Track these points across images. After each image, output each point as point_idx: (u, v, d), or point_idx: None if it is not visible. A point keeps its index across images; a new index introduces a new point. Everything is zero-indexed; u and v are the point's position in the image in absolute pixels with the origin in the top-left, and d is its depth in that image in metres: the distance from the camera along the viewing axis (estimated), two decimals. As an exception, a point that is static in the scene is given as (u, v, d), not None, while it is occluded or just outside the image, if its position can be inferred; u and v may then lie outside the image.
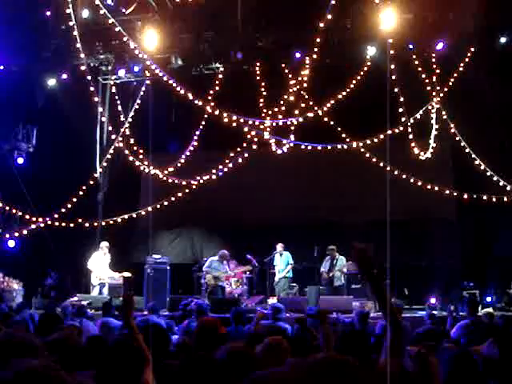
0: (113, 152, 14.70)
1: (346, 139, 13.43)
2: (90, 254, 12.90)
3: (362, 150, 13.40)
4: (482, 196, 12.92)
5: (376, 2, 11.87)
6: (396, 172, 13.24)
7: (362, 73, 13.18)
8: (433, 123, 13.36)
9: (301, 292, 12.96)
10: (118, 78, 14.90)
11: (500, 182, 12.89)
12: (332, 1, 11.65)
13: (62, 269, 13.12)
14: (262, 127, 13.67)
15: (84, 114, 14.14)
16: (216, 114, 13.46)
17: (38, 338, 3.31)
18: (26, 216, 13.70)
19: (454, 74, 13.03)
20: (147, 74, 14.14)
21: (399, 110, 13.09)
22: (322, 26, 12.11)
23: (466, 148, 13.12)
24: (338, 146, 13.47)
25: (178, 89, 13.31)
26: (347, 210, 14.28)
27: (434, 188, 13.31)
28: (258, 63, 14.01)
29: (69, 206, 13.66)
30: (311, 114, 13.32)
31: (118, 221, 14.51)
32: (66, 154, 14.06)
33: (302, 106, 13.47)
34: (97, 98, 14.12)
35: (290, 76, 13.58)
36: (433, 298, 11.28)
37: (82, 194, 13.82)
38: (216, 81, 14.22)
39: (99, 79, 14.94)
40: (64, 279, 12.85)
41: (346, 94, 13.24)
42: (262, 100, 13.88)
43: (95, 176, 14.38)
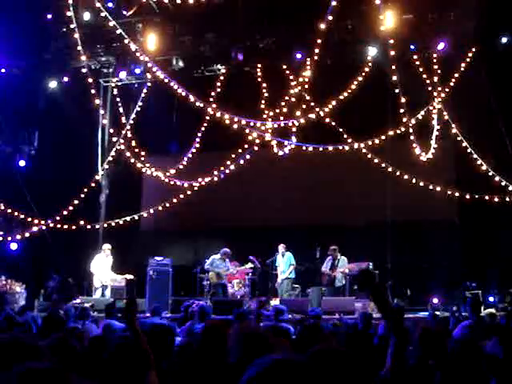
0: (114, 154, 14.72)
1: (348, 140, 13.42)
2: (92, 257, 12.90)
3: (364, 150, 13.39)
4: (484, 196, 12.90)
5: (377, 3, 11.86)
6: (398, 173, 13.24)
7: (363, 73, 13.17)
8: (434, 124, 13.34)
9: (303, 293, 12.93)
10: (120, 81, 14.92)
11: (502, 182, 12.87)
12: (333, 1, 11.65)
13: (65, 271, 13.12)
14: (263, 128, 13.67)
15: (85, 117, 14.16)
16: (217, 115, 13.47)
17: (41, 341, 3.31)
18: (28, 218, 13.71)
19: (455, 75, 13.02)
20: (148, 76, 14.16)
21: (400, 110, 13.08)
22: (322, 26, 12.11)
23: (467, 148, 13.10)
24: (339, 147, 13.46)
25: (179, 90, 13.33)
26: (349, 211, 14.26)
27: (436, 188, 13.29)
28: (258, 64, 14.02)
29: (70, 208, 13.68)
30: (312, 115, 13.31)
31: (120, 223, 14.52)
32: (67, 157, 14.06)
33: (303, 106, 13.47)
34: (98, 101, 14.14)
35: (291, 77, 13.59)
36: (435, 298, 11.26)
37: (83, 196, 13.83)
38: (217, 82, 14.24)
39: (100, 81, 14.96)
40: (66, 281, 12.84)
41: (348, 95, 13.23)
42: (264, 101, 13.89)
43: (97, 178, 14.40)
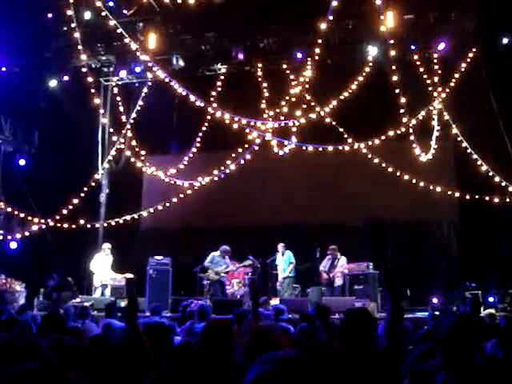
0: (115, 153, 14.72)
1: (348, 140, 13.42)
2: (92, 256, 12.90)
3: (364, 150, 13.39)
4: (484, 196, 12.89)
5: (377, 3, 11.86)
6: (398, 173, 13.24)
7: (363, 73, 13.17)
8: (434, 124, 13.34)
9: (303, 293, 12.93)
10: (120, 80, 14.92)
11: (502, 183, 12.87)
12: (333, 1, 11.65)
13: (64, 270, 13.12)
14: (263, 128, 13.68)
15: (86, 116, 14.16)
16: (218, 115, 13.47)
17: (41, 340, 3.31)
18: (29, 217, 13.71)
19: (456, 75, 13.02)
20: (149, 75, 14.16)
21: (401, 110, 13.09)
22: (323, 26, 12.11)
23: (467, 148, 13.10)
24: (340, 148, 13.47)
25: (179, 90, 13.33)
26: (349, 211, 14.26)
27: (436, 189, 13.29)
28: (259, 64, 14.02)
29: (70, 207, 13.67)
30: (313, 115, 13.31)
31: (120, 222, 14.51)
32: (67, 156, 14.05)
33: (304, 106, 13.47)
34: (98, 100, 14.14)
35: (292, 77, 13.59)
36: (435, 298, 11.26)
37: (83, 195, 13.83)
38: (217, 82, 14.24)
39: (101, 80, 14.96)
40: (66, 281, 12.84)
41: (348, 95, 13.23)
42: (264, 101, 13.89)
43: (97, 177, 14.39)
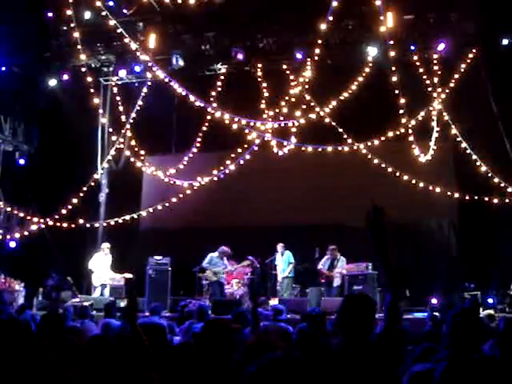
0: (114, 153, 14.72)
1: (348, 140, 13.42)
2: (92, 255, 12.90)
3: (364, 151, 13.39)
4: (484, 197, 12.90)
5: (377, 4, 11.87)
6: (397, 173, 13.25)
7: (363, 74, 13.17)
8: (433, 125, 13.34)
9: (302, 293, 12.94)
10: (120, 79, 14.91)
11: (501, 183, 12.88)
12: (334, 2, 11.65)
13: (64, 270, 13.11)
14: (263, 128, 13.68)
15: (85, 115, 14.15)
16: (217, 115, 13.48)
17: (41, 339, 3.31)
18: (28, 217, 13.71)
19: (456, 76, 13.02)
20: (148, 75, 14.16)
21: (400, 111, 13.10)
22: (323, 26, 12.12)
23: (467, 149, 13.11)
24: (339, 148, 13.47)
25: (179, 90, 13.33)
26: (348, 211, 14.23)
27: (436, 189, 13.30)
28: (259, 64, 14.02)
29: (70, 207, 13.67)
30: (313, 115, 13.32)
31: (119, 222, 14.51)
32: (67, 155, 14.05)
33: (304, 106, 13.48)
34: (97, 100, 14.14)
35: (292, 77, 13.60)
36: (434, 299, 11.26)
37: (83, 195, 13.83)
38: (217, 82, 14.24)
39: (101, 80, 14.96)
40: (65, 280, 12.84)
41: (348, 95, 13.24)
42: (264, 101, 13.90)
43: (96, 177, 14.39)
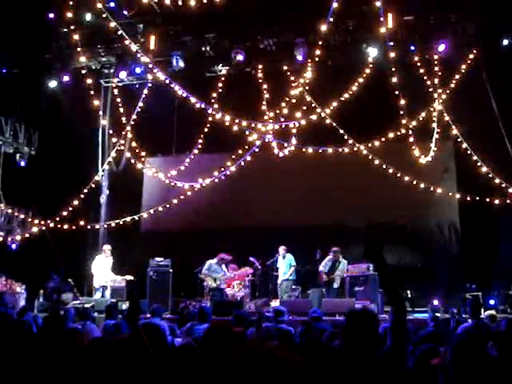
0: (115, 154, 14.72)
1: (348, 141, 13.41)
2: (93, 257, 12.90)
3: (365, 152, 13.39)
4: (485, 198, 12.89)
5: (377, 4, 11.87)
6: (398, 174, 13.24)
7: (363, 75, 13.17)
8: (434, 126, 13.34)
9: (303, 294, 12.93)
10: (120, 81, 14.92)
11: (502, 184, 12.87)
12: (334, 3, 11.66)
13: (65, 272, 13.12)
14: (264, 130, 13.68)
15: (86, 117, 14.16)
16: (218, 116, 13.48)
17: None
18: (29, 219, 13.71)
19: (456, 76, 13.02)
20: (149, 76, 14.16)
21: (401, 112, 13.09)
22: (323, 28, 12.13)
23: (468, 150, 13.10)
24: (340, 149, 13.47)
25: (179, 91, 13.33)
26: (349, 212, 14.25)
27: (437, 190, 13.30)
28: (259, 65, 14.03)
29: (71, 208, 13.68)
30: (313, 116, 13.32)
31: (120, 223, 14.50)
32: (68, 157, 14.06)
33: (304, 108, 13.47)
34: (98, 101, 14.15)
35: (292, 78, 13.60)
36: (436, 300, 11.25)
37: (83, 196, 13.83)
38: (218, 83, 14.25)
39: (101, 82, 14.96)
40: (66, 282, 12.84)
41: (348, 96, 13.23)
42: (264, 102, 13.90)
43: (97, 179, 14.39)
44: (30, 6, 13.14)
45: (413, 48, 13.03)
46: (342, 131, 13.31)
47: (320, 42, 12.37)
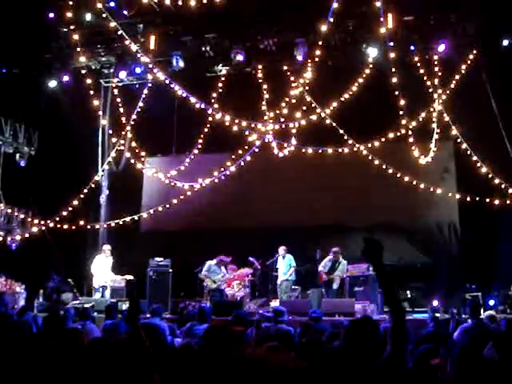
0: (115, 154, 14.73)
1: (348, 141, 13.42)
2: (92, 257, 12.90)
3: (364, 152, 13.39)
4: (485, 198, 12.89)
5: (377, 5, 11.87)
6: (398, 174, 13.25)
7: (363, 75, 13.17)
8: (434, 126, 13.34)
9: (303, 294, 12.93)
10: (120, 81, 14.92)
11: (502, 185, 12.87)
12: (334, 3, 11.66)
13: (64, 272, 13.12)
14: (264, 130, 13.68)
15: (86, 117, 14.17)
16: (218, 116, 13.49)
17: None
18: (28, 219, 13.72)
19: (456, 76, 13.02)
20: (149, 76, 14.17)
21: (401, 112, 13.09)
22: (323, 28, 12.13)
23: (467, 150, 13.11)
24: (339, 149, 13.48)
25: (179, 91, 13.34)
26: (349, 212, 14.26)
27: (437, 190, 13.31)
28: (259, 65, 14.03)
29: (70, 208, 13.68)
30: (313, 116, 13.32)
31: (120, 223, 14.51)
32: (67, 157, 14.07)
33: (304, 108, 13.48)
34: (97, 101, 14.16)
35: (292, 78, 13.61)
36: (435, 300, 11.25)
37: (83, 196, 13.84)
38: (218, 83, 14.25)
39: (101, 82, 14.97)
40: (66, 282, 12.85)
41: (348, 97, 13.24)
42: (264, 102, 13.90)
43: (97, 179, 14.40)
44: (29, 6, 13.15)
45: (413, 48, 13.03)
46: (341, 131, 13.32)
47: (320, 42, 12.37)
